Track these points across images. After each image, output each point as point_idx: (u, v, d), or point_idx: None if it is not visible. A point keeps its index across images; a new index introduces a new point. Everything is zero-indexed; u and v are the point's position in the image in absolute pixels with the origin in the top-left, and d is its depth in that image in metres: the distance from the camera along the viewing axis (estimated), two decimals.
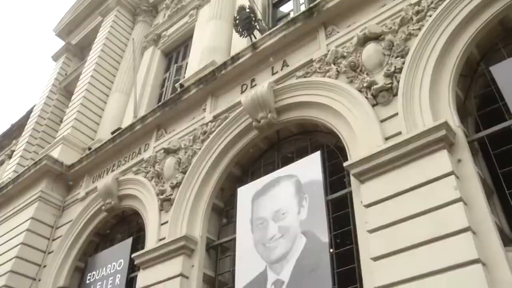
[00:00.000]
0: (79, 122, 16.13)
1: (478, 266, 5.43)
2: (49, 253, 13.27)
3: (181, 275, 8.97)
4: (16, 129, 23.82)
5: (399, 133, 7.20)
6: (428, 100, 7.17)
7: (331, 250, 7.53)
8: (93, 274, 11.95)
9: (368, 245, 6.60)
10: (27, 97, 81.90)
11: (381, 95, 7.90)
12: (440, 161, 6.42)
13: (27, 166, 15.41)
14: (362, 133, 7.73)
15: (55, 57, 22.92)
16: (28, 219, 13.44)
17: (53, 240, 13.53)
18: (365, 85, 8.17)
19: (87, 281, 12.00)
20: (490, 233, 5.77)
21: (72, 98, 17.69)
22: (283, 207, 8.45)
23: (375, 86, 7.96)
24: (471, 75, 7.73)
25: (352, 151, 7.84)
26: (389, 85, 7.83)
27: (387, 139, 7.32)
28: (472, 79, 7.74)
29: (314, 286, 7.34)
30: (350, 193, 7.69)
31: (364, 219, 6.88)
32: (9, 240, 13.51)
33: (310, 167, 8.51)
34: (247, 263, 8.50)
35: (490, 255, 5.61)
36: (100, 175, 13.64)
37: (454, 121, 6.80)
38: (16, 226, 13.70)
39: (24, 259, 12.83)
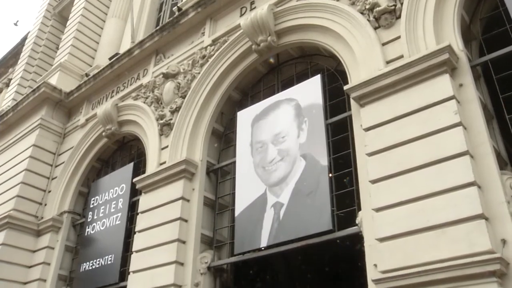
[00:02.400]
0: (75, 48, 15.88)
1: (474, 188, 5.53)
2: (52, 179, 13.53)
3: (182, 198, 9.17)
4: (12, 57, 23.48)
5: (401, 56, 7.09)
6: (432, 23, 6.99)
7: (330, 175, 7.64)
8: (97, 199, 12.22)
9: (366, 168, 6.69)
10: (20, 24, 79.92)
11: (384, 18, 7.69)
12: (442, 85, 6.36)
13: (25, 94, 15.33)
14: (363, 56, 7.61)
15: None
16: (30, 146, 13.59)
17: (56, 166, 13.75)
18: (367, 7, 7.94)
19: (91, 206, 12.29)
20: (487, 157, 5.83)
21: (68, 24, 17.33)
22: (282, 130, 8.49)
23: (377, 8, 7.74)
24: None
25: (353, 74, 7.76)
26: (392, 7, 7.61)
27: (388, 62, 7.22)
28: (480, 0, 7.51)
29: (313, 208, 7.51)
30: (350, 116, 7.69)
31: (363, 142, 6.92)
32: (13, 167, 13.75)
33: (310, 91, 8.47)
34: (247, 186, 8.67)
35: (485, 178, 5.70)
36: (100, 101, 13.61)
37: (457, 45, 6.67)
38: (19, 153, 13.89)
39: (29, 184, 13.11)
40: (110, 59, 13.83)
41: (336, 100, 8.38)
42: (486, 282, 5.06)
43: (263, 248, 8.06)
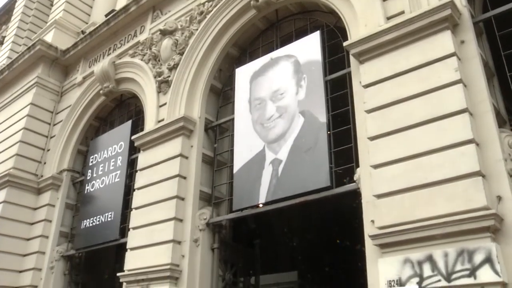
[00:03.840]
0: (70, 5, 15.60)
1: (472, 146, 5.54)
2: (51, 137, 13.54)
3: (180, 155, 9.20)
4: (4, 14, 22.95)
5: (402, 12, 6.95)
6: None
7: (329, 133, 7.63)
8: (95, 157, 12.26)
9: (365, 125, 6.67)
10: None
11: None
12: (443, 42, 6.28)
13: (21, 51, 15.12)
14: (363, 12, 7.46)
15: None
16: (27, 105, 13.54)
17: (54, 125, 13.73)
18: None
19: (90, 164, 12.34)
20: (486, 115, 5.82)
21: None
22: (281, 87, 8.44)
23: None
24: None
25: (353, 30, 7.63)
26: None
27: (389, 18, 7.09)
28: None
29: (311, 165, 7.55)
30: (349, 73, 7.62)
31: (362, 99, 6.88)
32: (11, 125, 13.74)
33: (309, 47, 8.37)
34: (245, 143, 8.68)
35: (484, 135, 5.71)
36: (96, 59, 13.45)
37: (460, 0, 6.53)
38: (16, 112, 13.85)
39: (28, 143, 13.14)
40: (106, 15, 13.63)
41: (336, 56, 8.29)
42: (480, 238, 5.14)
43: (261, 205, 8.16)
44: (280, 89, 8.43)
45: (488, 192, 5.31)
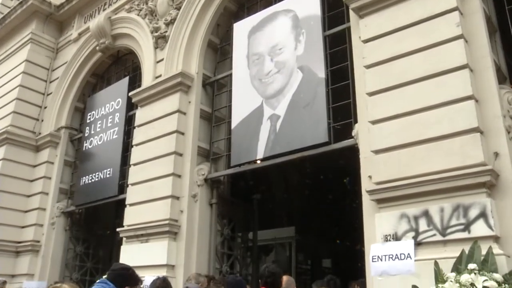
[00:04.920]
0: None
1: (471, 102, 5.50)
2: (48, 94, 13.44)
3: (178, 111, 9.17)
4: None
5: None
6: None
7: (328, 90, 7.57)
8: (93, 114, 12.22)
9: (364, 81, 6.60)
10: None
11: None
12: None
13: (12, 6, 14.79)
14: None
15: None
16: (22, 62, 13.36)
17: (51, 82, 13.60)
18: None
19: (88, 121, 12.31)
20: (487, 71, 5.74)
21: None
22: (279, 42, 8.32)
23: None
24: None
25: None
26: None
27: None
28: None
29: (309, 120, 7.53)
30: (349, 28, 7.49)
31: (361, 54, 6.78)
32: (7, 83, 13.60)
33: (308, 2, 8.19)
34: (243, 98, 8.64)
35: (484, 92, 5.65)
36: (92, 14, 13.19)
37: None
38: (12, 69, 13.69)
39: (25, 100, 13.05)
40: None
41: (335, 11, 8.12)
42: (476, 193, 5.18)
43: (259, 161, 8.19)
44: (278, 44, 8.31)
45: (486, 149, 5.31)
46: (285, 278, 5.41)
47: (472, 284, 4.30)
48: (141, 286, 5.63)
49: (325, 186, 13.53)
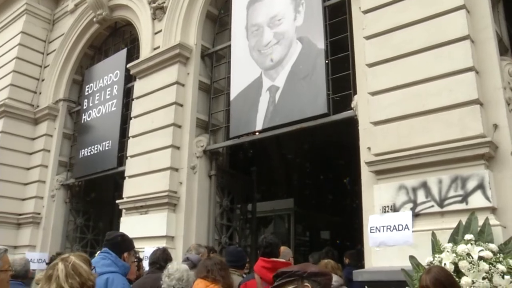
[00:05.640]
0: None
1: (471, 74, 5.43)
2: (45, 67, 13.33)
3: (177, 83, 9.12)
4: None
5: None
6: None
7: (327, 61, 7.50)
8: (91, 86, 12.15)
9: (364, 52, 6.53)
10: None
11: None
12: None
13: None
14: None
15: None
16: (18, 34, 13.20)
17: (48, 54, 13.48)
18: None
19: (86, 93, 12.26)
20: (488, 42, 5.66)
21: None
22: (279, 13, 8.20)
23: None
24: None
25: None
26: None
27: None
28: None
29: (308, 92, 7.49)
30: None
31: (361, 25, 6.68)
32: (3, 55, 13.47)
33: None
34: (242, 70, 8.57)
35: (484, 63, 5.59)
36: None
37: None
38: (7, 41, 13.54)
39: (22, 73, 12.95)
40: None
41: None
42: (475, 165, 5.17)
43: (258, 132, 8.18)
44: (277, 15, 8.19)
45: (485, 120, 5.28)
46: (282, 248, 5.45)
47: (468, 254, 4.33)
48: (138, 255, 5.67)
49: (325, 157, 13.56)
